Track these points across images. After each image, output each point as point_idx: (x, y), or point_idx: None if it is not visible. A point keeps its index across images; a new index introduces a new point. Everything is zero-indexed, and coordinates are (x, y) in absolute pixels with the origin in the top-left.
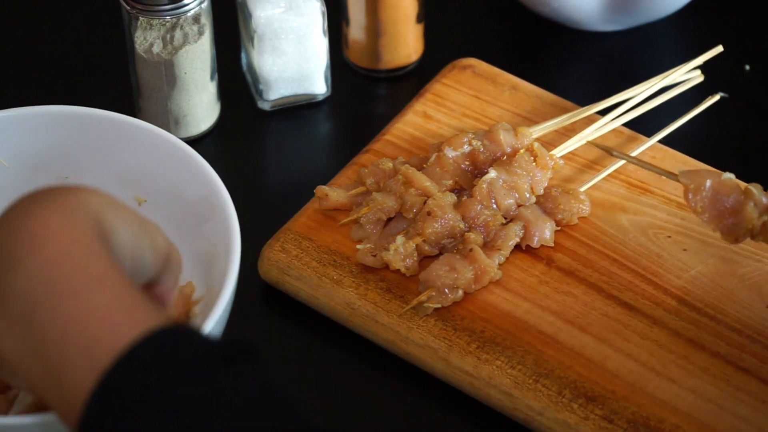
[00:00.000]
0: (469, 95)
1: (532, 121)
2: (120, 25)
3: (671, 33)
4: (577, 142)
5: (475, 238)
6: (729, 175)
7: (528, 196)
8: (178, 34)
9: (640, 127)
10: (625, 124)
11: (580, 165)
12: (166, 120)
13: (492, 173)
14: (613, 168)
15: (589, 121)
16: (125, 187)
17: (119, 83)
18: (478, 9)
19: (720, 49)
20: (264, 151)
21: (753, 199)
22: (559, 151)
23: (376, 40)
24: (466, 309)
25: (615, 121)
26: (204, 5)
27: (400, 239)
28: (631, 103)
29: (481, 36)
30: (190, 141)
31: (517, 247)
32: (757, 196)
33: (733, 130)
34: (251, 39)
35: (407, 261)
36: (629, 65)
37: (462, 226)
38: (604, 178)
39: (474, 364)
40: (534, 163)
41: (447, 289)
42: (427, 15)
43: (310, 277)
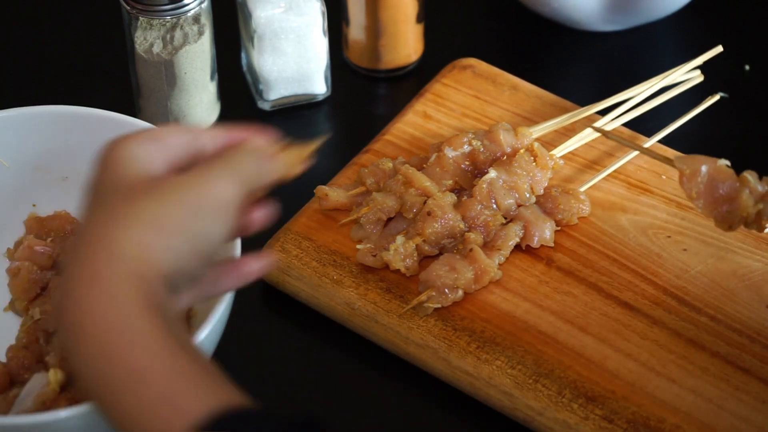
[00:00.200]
0: (469, 95)
1: (532, 121)
2: (120, 25)
3: (671, 33)
4: (577, 142)
5: (475, 238)
6: (724, 162)
7: (528, 196)
8: (178, 34)
9: (640, 127)
10: (625, 124)
11: (580, 165)
12: (166, 120)
13: (492, 173)
14: (613, 168)
15: (589, 121)
16: None
17: (119, 83)
18: (478, 9)
19: (720, 49)
20: None
21: (748, 187)
22: (559, 151)
23: (376, 40)
24: (466, 309)
25: (615, 121)
26: (204, 5)
27: (400, 239)
28: (631, 103)
29: (481, 36)
30: None
31: (517, 247)
32: (753, 184)
33: (733, 130)
34: (251, 39)
35: (407, 261)
36: (629, 65)
37: (462, 226)
38: (604, 178)
39: (474, 364)
40: (534, 163)
41: (447, 289)
42: (427, 15)
43: (310, 277)
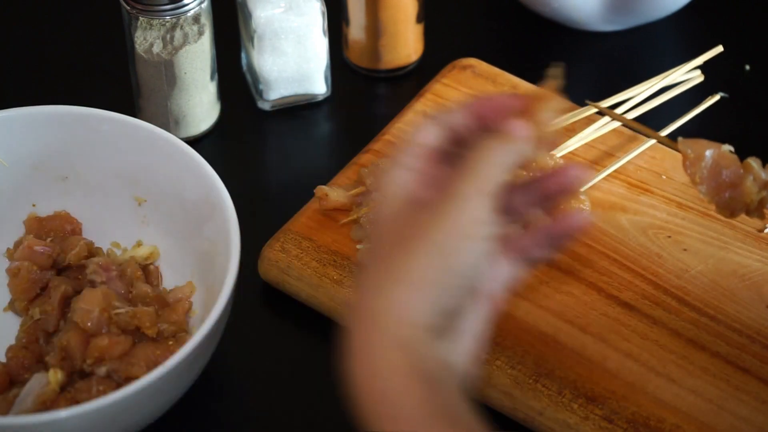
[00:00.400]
0: (469, 95)
1: None
2: (120, 25)
3: (671, 33)
4: (577, 142)
5: None
6: (728, 147)
7: None
8: (178, 34)
9: None
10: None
11: (580, 165)
12: (166, 120)
13: None
14: (613, 168)
15: (589, 121)
16: (125, 187)
17: (119, 83)
18: (478, 9)
19: (720, 49)
20: (264, 151)
21: (752, 173)
22: (559, 151)
23: (376, 40)
24: None
25: (615, 121)
26: (204, 5)
27: None
28: (631, 103)
29: (481, 36)
30: (190, 141)
31: None
32: (757, 171)
33: (733, 130)
34: (251, 39)
35: None
36: (629, 65)
37: None
38: (604, 178)
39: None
40: (534, 163)
41: None
42: (427, 15)
43: (310, 277)
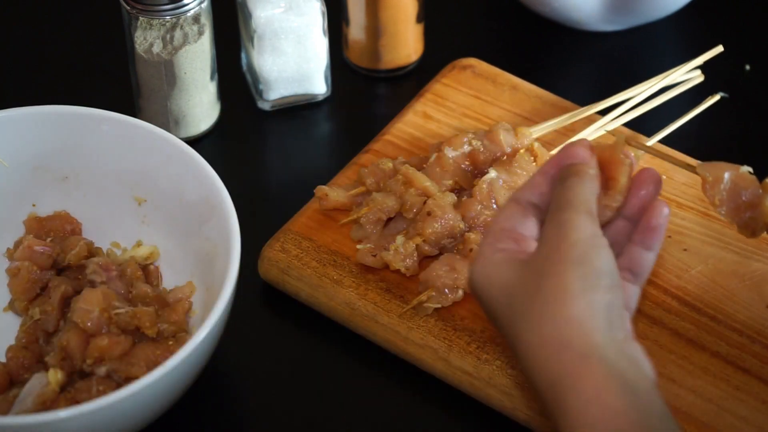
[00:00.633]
0: (469, 95)
1: (532, 121)
2: (120, 25)
3: (671, 33)
4: None
5: (475, 238)
6: (747, 168)
7: None
8: (178, 34)
9: (640, 127)
10: (625, 124)
11: None
12: (166, 120)
13: (492, 173)
14: None
15: (589, 121)
16: (125, 187)
17: (119, 83)
18: (478, 9)
19: (720, 49)
20: (264, 151)
21: None
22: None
23: (376, 40)
24: (466, 309)
25: (615, 121)
26: (204, 5)
27: (400, 239)
28: (631, 103)
29: (481, 36)
30: (190, 141)
31: None
32: None
33: (733, 130)
34: (251, 39)
35: (407, 261)
36: (629, 65)
37: (462, 226)
38: None
39: (474, 364)
40: (534, 163)
41: (447, 289)
42: (427, 15)
43: (310, 277)
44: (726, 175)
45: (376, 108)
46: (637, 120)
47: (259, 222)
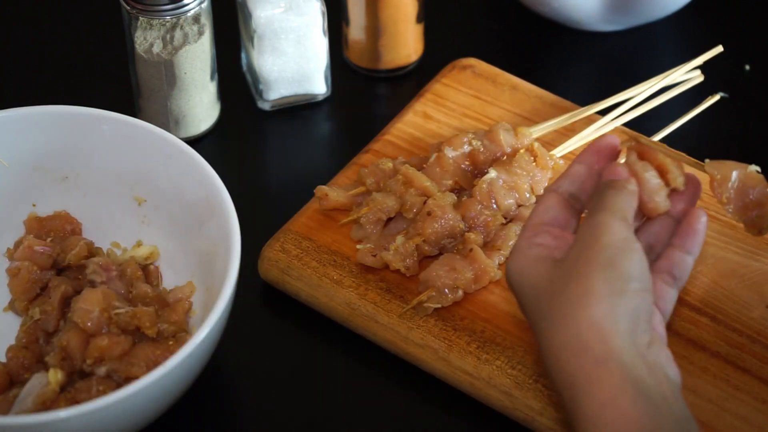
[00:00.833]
0: (469, 95)
1: (532, 121)
2: (120, 25)
3: (671, 33)
4: (577, 142)
5: (475, 238)
6: (755, 168)
7: (528, 196)
8: (178, 34)
9: (640, 127)
10: (625, 124)
11: None
12: (166, 120)
13: (492, 173)
14: None
15: (589, 121)
16: (125, 187)
17: (119, 83)
18: (478, 9)
19: (720, 49)
20: (264, 151)
21: None
22: (559, 151)
23: (376, 40)
24: (466, 309)
25: (615, 121)
26: (204, 5)
27: (400, 239)
28: (631, 103)
29: (481, 36)
30: (190, 141)
31: None
32: None
33: (733, 130)
34: (251, 39)
35: (407, 261)
36: (629, 65)
37: (462, 226)
38: None
39: (474, 364)
40: (534, 163)
41: (447, 289)
42: (427, 15)
43: (310, 277)
44: (734, 173)
45: (376, 108)
46: (637, 120)
47: (259, 222)
